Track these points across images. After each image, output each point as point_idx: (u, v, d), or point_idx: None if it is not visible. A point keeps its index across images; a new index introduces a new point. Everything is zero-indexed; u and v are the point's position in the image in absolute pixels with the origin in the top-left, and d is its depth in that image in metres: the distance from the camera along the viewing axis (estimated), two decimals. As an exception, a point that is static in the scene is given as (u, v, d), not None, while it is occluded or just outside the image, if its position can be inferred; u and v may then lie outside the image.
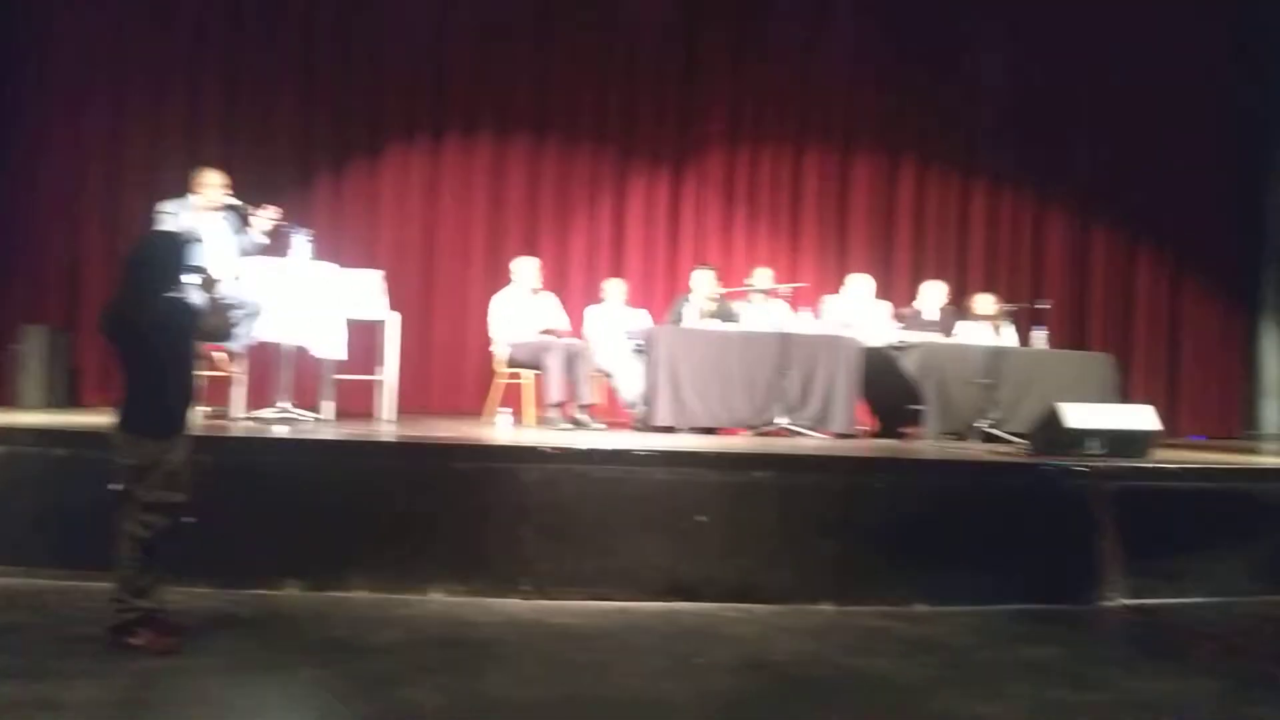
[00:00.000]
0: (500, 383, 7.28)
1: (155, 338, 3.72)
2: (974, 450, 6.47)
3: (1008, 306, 8.03)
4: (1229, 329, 10.56)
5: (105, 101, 8.32)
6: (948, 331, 7.81)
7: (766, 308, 7.71)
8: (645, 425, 6.75)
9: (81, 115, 8.28)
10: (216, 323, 4.06)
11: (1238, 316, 10.56)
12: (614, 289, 7.76)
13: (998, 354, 7.17)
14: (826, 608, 4.90)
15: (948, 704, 3.64)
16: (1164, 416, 7.90)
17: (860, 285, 7.93)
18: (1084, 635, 4.83)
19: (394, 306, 7.04)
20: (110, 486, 3.72)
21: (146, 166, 8.16)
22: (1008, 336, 7.72)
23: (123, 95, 8.35)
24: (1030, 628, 4.76)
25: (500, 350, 7.26)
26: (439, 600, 4.73)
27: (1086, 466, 5.45)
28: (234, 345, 5.95)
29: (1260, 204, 10.46)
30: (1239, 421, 10.51)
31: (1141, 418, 6.27)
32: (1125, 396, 8.46)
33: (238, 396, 6.22)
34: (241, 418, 6.09)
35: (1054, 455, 5.77)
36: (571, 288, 8.96)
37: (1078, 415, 5.99)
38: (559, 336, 7.17)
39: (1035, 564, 5.19)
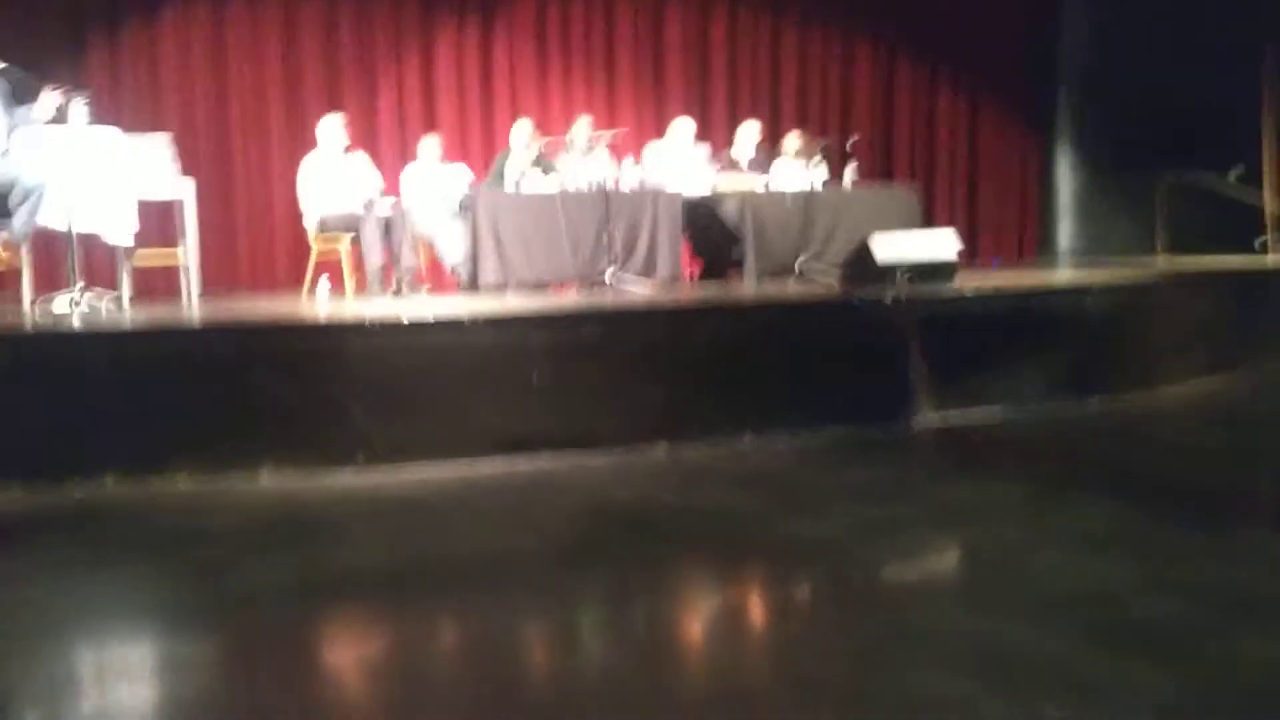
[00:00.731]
0: (315, 253, 6.99)
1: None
2: (790, 289, 6.68)
3: (819, 142, 8.20)
4: (1026, 155, 11.10)
5: None
6: (764, 171, 7.93)
7: (589, 158, 7.61)
8: (471, 286, 6.65)
9: None
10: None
11: (1034, 142, 11.10)
12: (429, 145, 7.48)
13: (809, 196, 7.36)
14: (659, 452, 5.06)
15: (777, 528, 3.85)
16: (965, 240, 8.32)
17: (682, 129, 7.92)
18: (898, 454, 5.17)
19: (186, 173, 6.60)
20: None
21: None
22: (820, 172, 7.90)
23: None
24: (849, 451, 5.06)
25: (312, 219, 6.94)
26: (270, 481, 4.62)
27: (894, 296, 5.71)
28: (14, 235, 5.48)
29: (1054, 31, 10.88)
30: (1035, 243, 11.19)
31: (944, 244, 6.59)
32: (929, 223, 8.86)
33: (26, 284, 5.76)
34: (32, 306, 5.66)
35: (866, 287, 6.03)
36: (382, 146, 8.59)
37: (885, 248, 6.24)
38: (374, 199, 6.90)
39: (851, 391, 5.48)
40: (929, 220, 9.11)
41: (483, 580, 3.35)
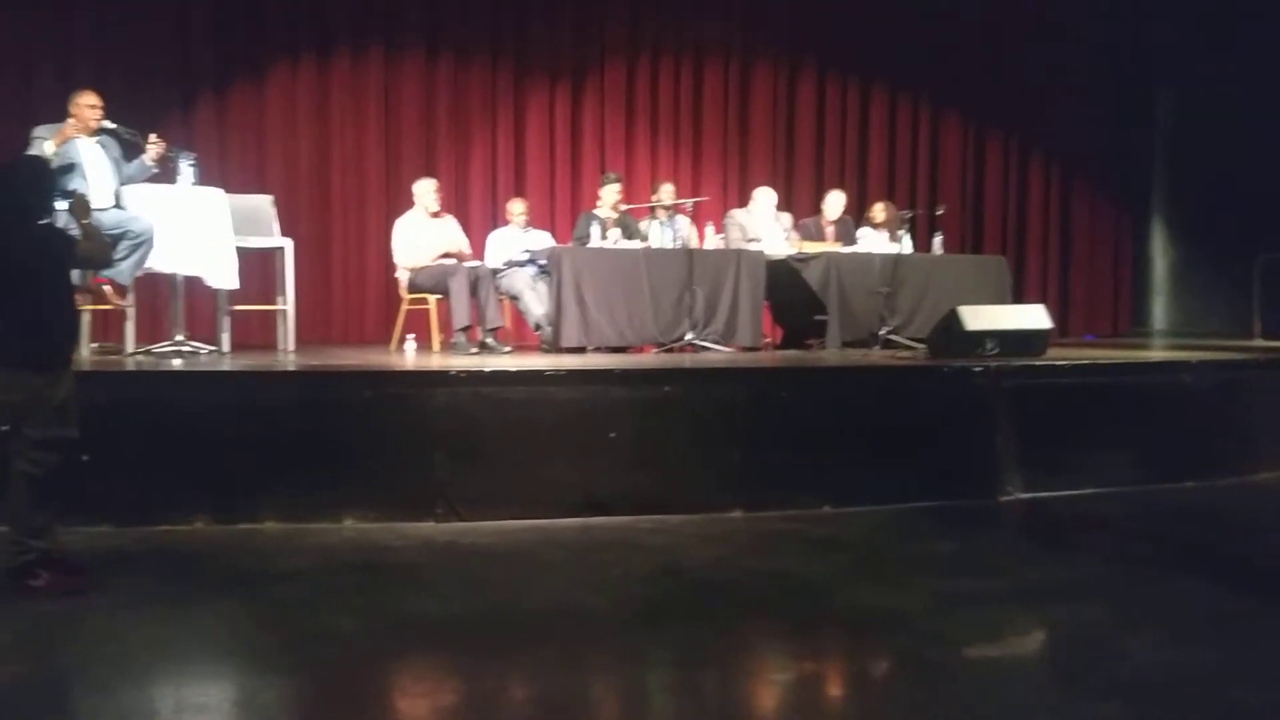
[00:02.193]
0: (404, 309, 7.16)
1: (29, 267, 3.56)
2: (875, 356, 6.61)
3: (904, 213, 8.15)
4: (1119, 230, 10.91)
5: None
6: (848, 240, 7.92)
7: (671, 224, 7.70)
8: (553, 346, 6.73)
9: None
10: (93, 249, 3.89)
11: (1126, 218, 10.90)
12: (516, 209, 7.66)
13: (895, 261, 7.30)
14: (737, 515, 5.01)
15: (854, 598, 3.77)
16: (1056, 316, 8.18)
17: (764, 198, 7.96)
18: (983, 529, 5.03)
19: (288, 233, 6.84)
20: (3, 428, 3.57)
21: (19, 93, 7.71)
22: (905, 243, 7.85)
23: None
24: (932, 524, 4.94)
25: (403, 276, 7.12)
26: (352, 528, 4.69)
27: (983, 367, 5.61)
28: (122, 277, 5.72)
29: (1149, 107, 10.75)
30: (1128, 319, 10.93)
31: (1034, 317, 6.48)
32: (1019, 298, 8.72)
33: (129, 331, 5.99)
34: (135, 352, 5.88)
35: (952, 358, 5.93)
36: (472, 208, 8.81)
37: (974, 318, 6.15)
38: (462, 259, 7.06)
39: (936, 463, 5.36)
40: (1019, 296, 8.98)
41: (553, 636, 3.34)
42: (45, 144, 5.50)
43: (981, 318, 6.20)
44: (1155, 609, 3.66)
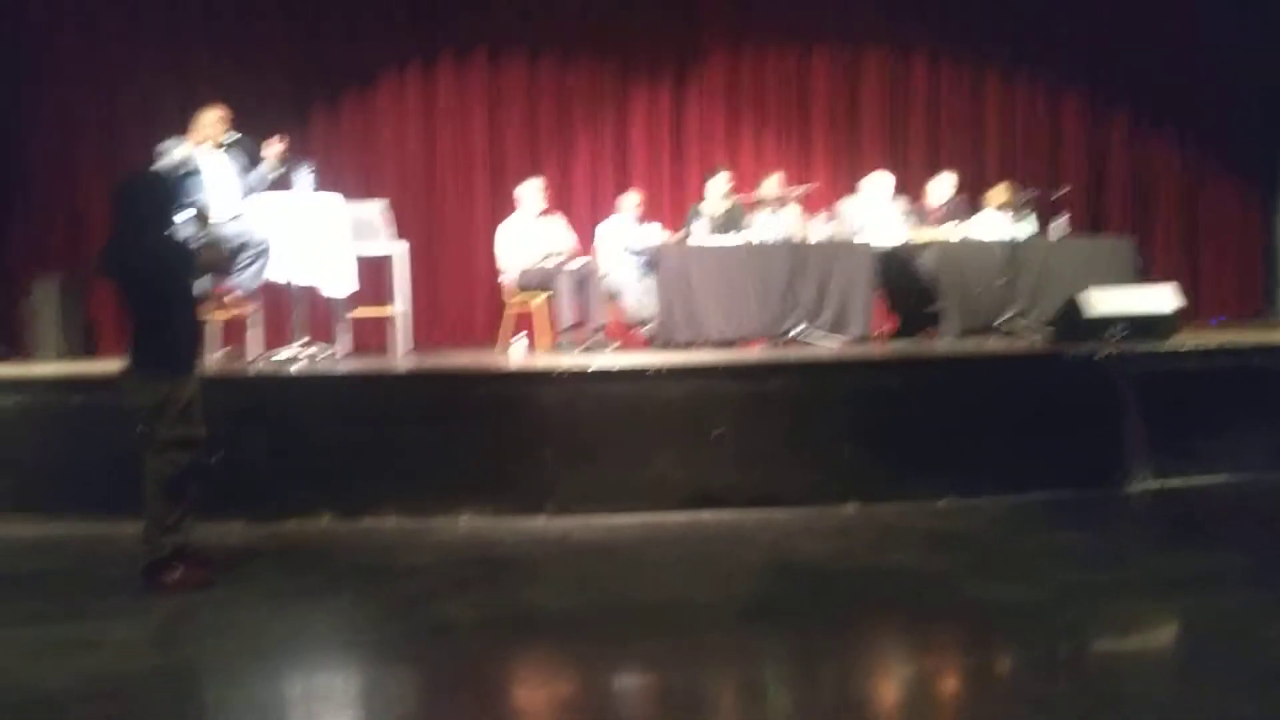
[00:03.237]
0: (512, 310, 7.25)
1: (153, 276, 3.72)
2: (992, 344, 6.42)
3: (1025, 194, 7.87)
4: (1249, 208, 10.36)
5: (95, 49, 8.20)
6: (957, 221, 7.67)
7: (779, 215, 7.61)
8: (661, 342, 6.72)
9: (76, 61, 8.17)
10: (215, 258, 4.04)
11: (1256, 195, 10.35)
12: (629, 202, 7.64)
13: (1015, 247, 7.05)
14: (850, 509, 4.92)
15: (974, 590, 3.66)
16: (1185, 297, 7.81)
17: (879, 184, 7.77)
18: (1112, 519, 4.84)
19: (401, 238, 7.00)
20: (139, 430, 3.73)
21: (142, 107, 8.07)
22: (1027, 226, 7.58)
23: (113, 42, 8.22)
24: (1056, 515, 4.77)
25: (510, 277, 7.21)
26: (469, 523, 4.78)
27: (1107, 353, 5.39)
28: (245, 286, 5.93)
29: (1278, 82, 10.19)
30: (1259, 300, 10.38)
31: (1163, 299, 6.19)
32: (1146, 279, 8.36)
33: (253, 337, 6.22)
34: (259, 358, 6.10)
35: (1077, 343, 5.71)
36: (577, 207, 8.86)
37: (1099, 302, 5.91)
38: (567, 258, 7.11)
39: (1061, 453, 5.17)
40: (1144, 277, 8.60)
41: (665, 629, 3.33)
42: (174, 152, 5.72)
43: (1107, 301, 5.95)
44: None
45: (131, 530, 3.85)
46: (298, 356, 6.07)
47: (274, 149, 5.99)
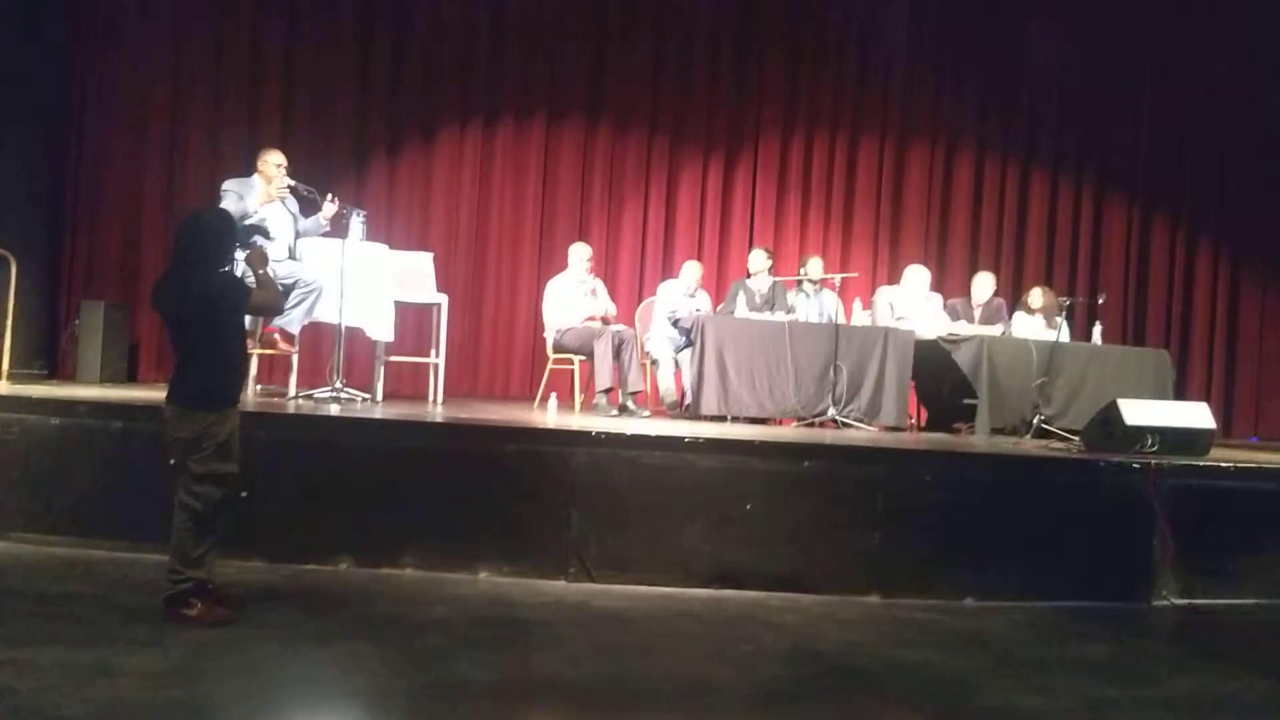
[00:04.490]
0: (550, 367, 7.30)
1: (205, 312, 3.78)
2: (1027, 446, 6.38)
3: (1063, 299, 7.88)
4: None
5: (166, 83, 8.45)
6: (994, 322, 7.69)
7: (818, 297, 7.66)
8: (693, 414, 6.73)
9: (143, 96, 8.42)
10: (266, 298, 4.10)
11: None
12: (690, 273, 7.64)
13: (1053, 349, 7.05)
14: (873, 600, 4.88)
15: (996, 698, 3.61)
16: (1221, 415, 7.75)
17: (917, 276, 7.83)
18: (1135, 634, 4.76)
19: (444, 289, 7.09)
20: (173, 462, 3.78)
21: (207, 146, 8.30)
22: (1062, 331, 7.58)
23: (184, 77, 8.48)
24: (1081, 625, 4.70)
25: (551, 336, 7.28)
26: (487, 580, 4.77)
27: (1142, 463, 5.35)
28: (292, 325, 6.03)
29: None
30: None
31: (1198, 416, 6.15)
32: (1181, 394, 8.30)
33: (293, 376, 6.30)
34: (296, 396, 6.17)
35: (1110, 452, 5.68)
36: (620, 273, 8.97)
37: (1135, 412, 5.88)
38: (607, 322, 7.18)
39: (1087, 561, 5.12)
40: (1181, 391, 8.55)
41: (679, 707, 3.30)
42: (242, 200, 5.86)
43: (1142, 412, 5.92)
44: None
45: (160, 559, 3.88)
46: (334, 398, 6.14)
47: (330, 207, 6.13)
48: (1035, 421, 6.84)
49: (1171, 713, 3.55)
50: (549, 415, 6.67)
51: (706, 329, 6.80)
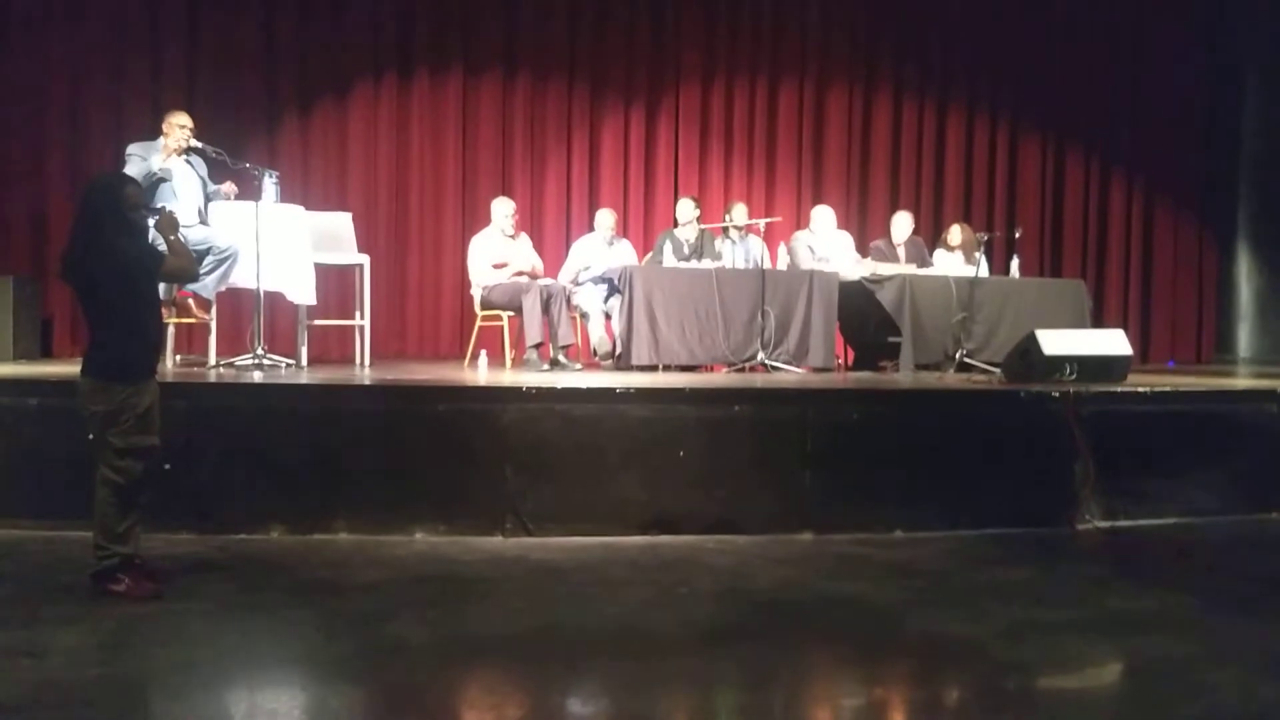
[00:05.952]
0: (478, 325, 7.24)
1: (115, 281, 3.67)
2: (950, 380, 6.51)
3: (981, 236, 8.02)
4: (1203, 254, 10.60)
5: (66, 45, 8.10)
6: (920, 262, 7.82)
7: (743, 244, 7.69)
8: (623, 364, 6.74)
9: (41, 60, 8.07)
10: (179, 264, 3.99)
11: (1211, 241, 10.60)
12: (606, 221, 7.59)
13: (972, 284, 7.18)
14: (806, 537, 4.97)
15: (925, 624, 3.70)
16: (1138, 342, 7.97)
17: (824, 216, 7.89)
18: (1061, 557, 4.91)
19: (366, 250, 6.97)
20: (91, 436, 3.68)
21: (110, 110, 7.99)
22: (981, 266, 7.72)
23: (83, 39, 8.13)
24: (1007, 551, 4.84)
25: (477, 293, 7.21)
26: (423, 541, 4.75)
27: (1062, 392, 5.49)
28: (206, 291, 5.89)
29: (1234, 128, 10.47)
30: (1212, 345, 10.61)
31: (1115, 343, 6.32)
32: (1099, 323, 8.52)
33: (211, 343, 6.16)
34: (216, 364, 6.04)
35: (1030, 382, 5.82)
36: (546, 227, 8.90)
37: (1053, 342, 6.03)
38: (534, 277, 7.13)
39: (1011, 490, 5.26)
40: (1098, 320, 8.76)
41: (621, 654, 3.33)
42: (146, 160, 5.68)
43: (1060, 342, 6.07)
44: (1240, 643, 3.53)
45: (86, 536, 3.80)
46: (257, 364, 6.02)
47: (227, 189, 6.01)
48: (958, 356, 6.99)
49: (1097, 632, 3.67)
50: (480, 373, 6.63)
51: (635, 280, 6.78)
